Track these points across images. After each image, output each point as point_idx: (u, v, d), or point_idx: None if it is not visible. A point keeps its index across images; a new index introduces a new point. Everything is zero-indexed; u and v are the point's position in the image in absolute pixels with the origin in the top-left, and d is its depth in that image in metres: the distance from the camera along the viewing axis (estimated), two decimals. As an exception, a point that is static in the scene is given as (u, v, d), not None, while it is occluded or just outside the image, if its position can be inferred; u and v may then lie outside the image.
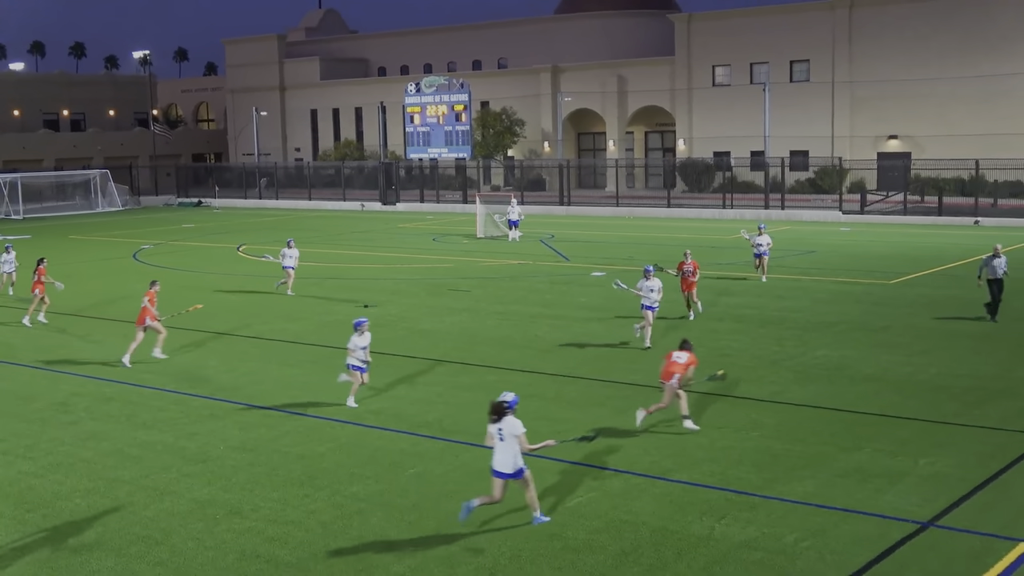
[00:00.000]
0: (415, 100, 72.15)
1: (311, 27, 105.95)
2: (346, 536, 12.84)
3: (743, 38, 73.57)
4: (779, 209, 57.76)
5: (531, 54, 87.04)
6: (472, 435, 16.73)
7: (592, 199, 69.38)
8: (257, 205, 77.27)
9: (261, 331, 26.34)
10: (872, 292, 30.23)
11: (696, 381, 17.32)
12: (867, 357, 21.80)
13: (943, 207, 53.68)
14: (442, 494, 14.16)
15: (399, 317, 27.81)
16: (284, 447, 16.44)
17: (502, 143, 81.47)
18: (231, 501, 14.10)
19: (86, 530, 13.22)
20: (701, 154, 74.46)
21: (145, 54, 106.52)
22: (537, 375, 20.94)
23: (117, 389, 20.60)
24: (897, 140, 68.18)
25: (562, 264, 37.65)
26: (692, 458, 15.41)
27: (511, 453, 12.70)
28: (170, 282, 35.49)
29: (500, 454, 12.76)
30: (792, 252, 40.23)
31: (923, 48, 66.43)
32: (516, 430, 12.68)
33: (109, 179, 78.53)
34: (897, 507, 13.29)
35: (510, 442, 12.69)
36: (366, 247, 45.64)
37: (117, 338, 25.95)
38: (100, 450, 16.58)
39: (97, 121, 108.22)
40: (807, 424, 17.08)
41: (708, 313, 27.12)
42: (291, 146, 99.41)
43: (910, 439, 16.13)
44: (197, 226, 59.86)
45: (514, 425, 12.68)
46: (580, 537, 12.61)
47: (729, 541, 12.40)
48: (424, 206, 70.13)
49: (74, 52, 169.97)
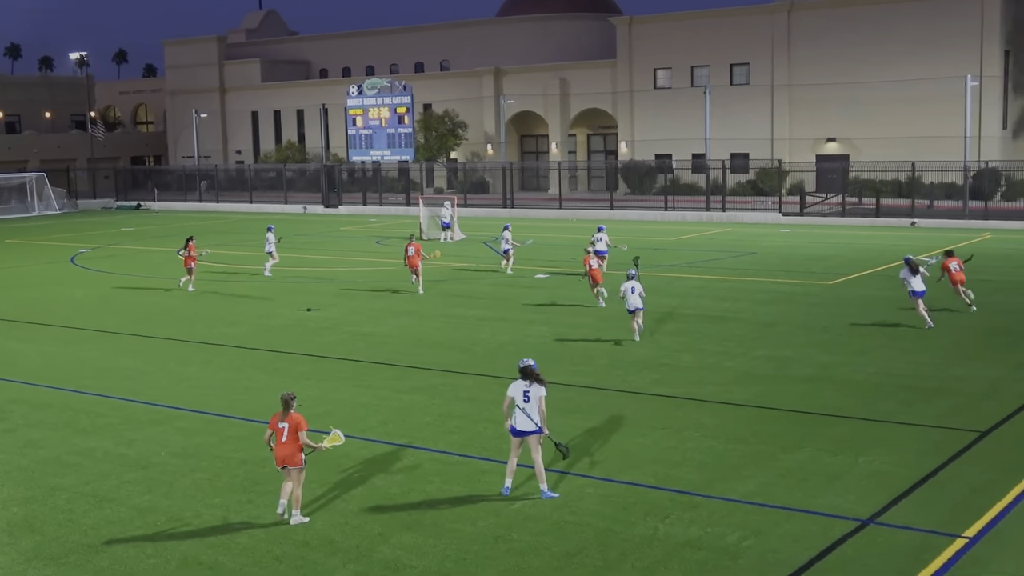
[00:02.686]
0: (357, 102, 71.82)
1: (251, 28, 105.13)
2: (290, 541, 12.75)
3: (684, 41, 74.17)
4: (720, 211, 58.27)
5: (473, 56, 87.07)
6: (417, 438, 16.71)
7: (535, 201, 69.51)
8: (197, 208, 76.49)
9: (202, 335, 26.08)
10: (811, 293, 30.60)
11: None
12: (807, 357, 22.07)
13: (881, 209, 54.46)
14: (387, 497, 14.12)
15: (342, 320, 27.68)
16: (226, 452, 16.29)
17: (445, 146, 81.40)
18: (173, 508, 13.95)
19: (23, 539, 13.01)
20: (643, 156, 74.94)
21: (82, 55, 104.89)
22: (482, 377, 20.95)
23: (54, 395, 20.29)
24: (835, 143, 69.11)
25: (517, 266, 37.66)
26: (635, 459, 15.50)
27: (533, 413, 13.69)
28: (108, 286, 35.06)
29: (522, 415, 13.71)
30: (733, 253, 40.60)
31: (860, 52, 67.40)
32: (542, 391, 13.75)
33: (46, 182, 77.25)
34: (837, 505, 13.46)
35: (534, 404, 13.68)
36: (308, 250, 45.37)
37: (55, 344, 25.60)
38: (38, 457, 16.32)
39: (33, 123, 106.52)
40: (748, 424, 17.25)
41: (649, 314, 27.27)
42: (232, 148, 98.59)
43: (849, 438, 16.35)
44: (136, 230, 59.12)
45: (540, 388, 13.74)
46: (525, 539, 12.64)
47: (673, 541, 12.49)
48: (367, 209, 69.84)
49: (9, 53, 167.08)
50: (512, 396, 13.80)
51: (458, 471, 15.14)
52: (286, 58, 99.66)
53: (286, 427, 13.17)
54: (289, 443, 13.15)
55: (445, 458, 15.72)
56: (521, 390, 13.75)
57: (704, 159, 64.22)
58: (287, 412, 13.24)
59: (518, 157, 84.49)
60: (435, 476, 14.92)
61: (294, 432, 13.15)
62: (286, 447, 13.16)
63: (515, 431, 13.82)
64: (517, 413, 13.74)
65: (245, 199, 76.69)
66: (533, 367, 13.85)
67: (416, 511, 13.61)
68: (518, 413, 13.74)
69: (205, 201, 78.16)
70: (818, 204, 58.27)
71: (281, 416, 13.25)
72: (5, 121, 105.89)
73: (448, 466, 15.36)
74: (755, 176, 69.07)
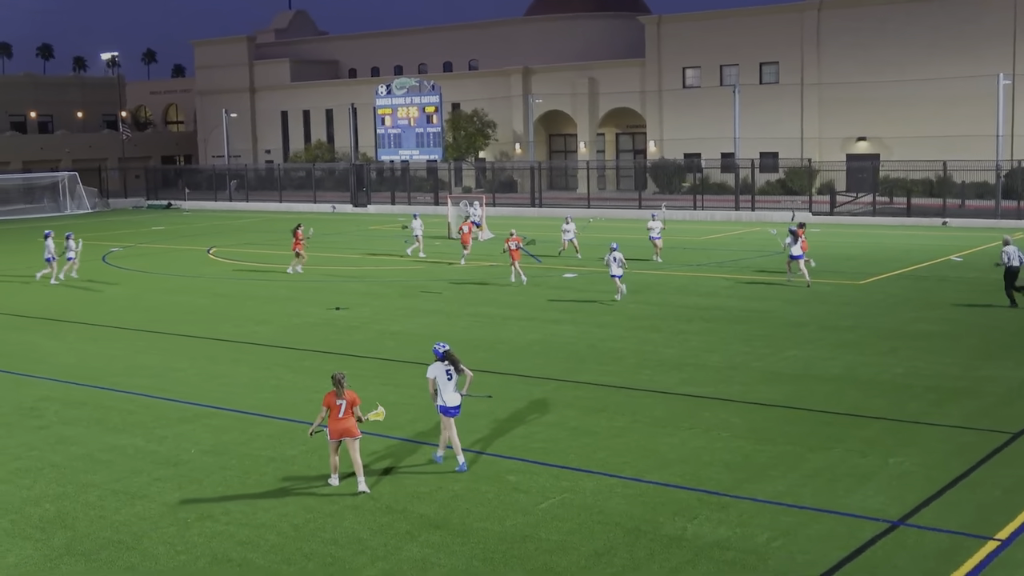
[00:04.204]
0: (386, 102, 72.04)
1: (281, 28, 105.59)
2: (318, 539, 12.81)
3: (713, 40, 73.92)
4: (749, 210, 58.05)
5: (502, 56, 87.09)
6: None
7: (563, 200, 69.44)
8: (227, 207, 76.90)
9: (231, 333, 26.23)
10: (840, 293, 30.44)
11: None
12: (835, 357, 21.95)
13: (911, 208, 54.10)
14: (414, 496, 14.15)
15: (370, 319, 27.77)
16: (255, 450, 16.39)
17: (473, 145, 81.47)
18: (203, 505, 14.04)
19: (56, 535, 13.13)
20: (672, 156, 74.75)
21: (113, 55, 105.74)
22: (507, 376, 20.96)
23: (86, 393, 20.46)
24: (866, 142, 68.69)
25: (533, 266, 37.69)
26: (664, 459, 15.47)
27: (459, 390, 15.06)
28: (140, 285, 35.32)
29: (450, 393, 14.95)
30: (761, 253, 40.43)
31: (890, 51, 66.98)
32: (467, 372, 15.07)
33: (78, 181, 77.93)
34: (867, 506, 13.39)
35: (458, 382, 15.01)
36: (337, 249, 45.52)
37: (87, 341, 25.82)
38: (70, 454, 16.47)
39: (65, 123, 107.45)
40: (776, 424, 17.18)
41: (677, 315, 27.24)
42: (261, 148, 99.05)
43: (878, 438, 16.25)
44: (167, 228, 59.52)
45: (463, 368, 15.05)
46: (553, 539, 12.64)
47: (701, 541, 12.46)
48: (395, 208, 70.01)
49: (41, 53, 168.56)
50: (435, 377, 14.97)
51: (485, 470, 15.16)
52: (315, 58, 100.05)
53: (344, 403, 14.29)
54: (347, 417, 14.32)
55: (472, 456, 15.72)
56: (443, 370, 14.92)
57: (733, 158, 64.00)
58: (342, 389, 14.27)
59: (546, 156, 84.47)
60: (462, 475, 14.94)
61: (351, 407, 14.33)
62: (345, 421, 14.31)
63: (446, 409, 14.98)
64: (447, 392, 14.91)
65: (275, 198, 77.06)
66: (451, 350, 15.13)
67: (444, 510, 13.63)
68: (448, 392, 14.91)
69: (235, 200, 78.57)
70: (848, 203, 57.96)
71: (337, 394, 14.26)
72: (38, 121, 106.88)
73: (475, 465, 15.37)
74: (784, 175, 68.76)
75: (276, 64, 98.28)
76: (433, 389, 15.11)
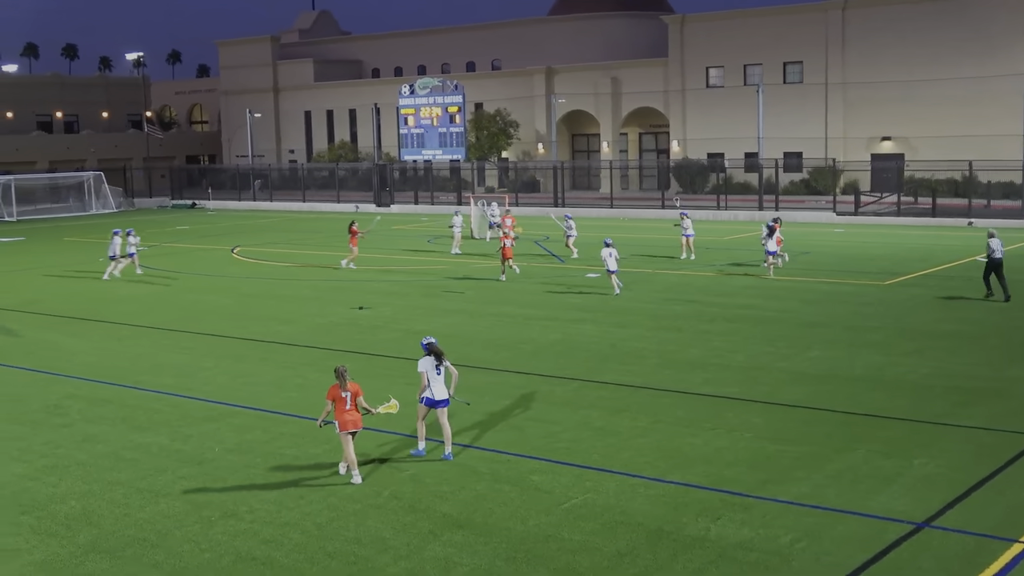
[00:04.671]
0: (409, 102, 72.18)
1: (304, 29, 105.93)
2: (342, 537, 12.85)
3: (736, 39, 73.70)
4: (773, 210, 57.76)
5: (525, 55, 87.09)
6: (467, 437, 16.77)
7: (586, 200, 69.40)
8: (251, 207, 77.22)
9: (255, 332, 26.34)
10: (865, 293, 30.30)
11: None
12: (858, 358, 21.85)
13: (937, 208, 53.76)
14: (437, 495, 14.18)
15: (393, 318, 27.83)
16: (279, 449, 16.45)
17: (496, 145, 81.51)
18: (227, 503, 14.11)
19: (81, 533, 13.22)
20: (695, 155, 74.59)
21: (139, 56, 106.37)
22: (529, 376, 20.97)
23: (111, 391, 20.59)
24: (890, 141, 68.34)
25: (556, 266, 37.68)
26: (687, 459, 15.45)
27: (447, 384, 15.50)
28: (165, 284, 35.51)
29: (439, 386, 15.36)
30: (786, 253, 40.23)
31: (915, 50, 66.61)
32: (452, 370, 15.55)
33: (103, 181, 78.44)
34: (891, 508, 13.33)
35: (446, 376, 15.44)
36: (360, 248, 45.61)
37: (112, 340, 25.97)
38: (95, 452, 16.58)
39: (91, 123, 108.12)
40: (800, 425, 17.13)
41: (701, 314, 27.19)
42: (285, 148, 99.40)
43: (902, 440, 16.18)
44: (191, 228, 59.82)
45: (447, 361, 15.53)
46: (576, 539, 12.64)
47: (725, 542, 12.43)
48: (419, 208, 70.12)
49: (67, 54, 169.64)
50: (426, 371, 15.36)
51: (508, 469, 15.17)
52: (339, 58, 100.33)
53: (349, 395, 14.63)
54: (353, 409, 14.68)
55: (495, 456, 15.75)
56: (432, 364, 15.37)
57: (757, 158, 63.80)
58: (345, 382, 14.60)
59: (569, 156, 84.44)
60: (485, 474, 14.96)
61: (355, 399, 14.68)
62: (352, 412, 14.65)
63: (432, 401, 15.42)
64: (436, 385, 15.35)
65: (298, 198, 77.29)
66: (435, 343, 15.59)
67: (466, 509, 13.65)
68: (435, 385, 15.35)
69: (259, 200, 78.87)
70: (873, 203, 57.66)
71: (342, 386, 14.57)
72: (64, 121, 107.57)
73: (498, 464, 15.39)
74: (808, 175, 68.48)
75: (300, 64, 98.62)
76: (425, 382, 15.45)
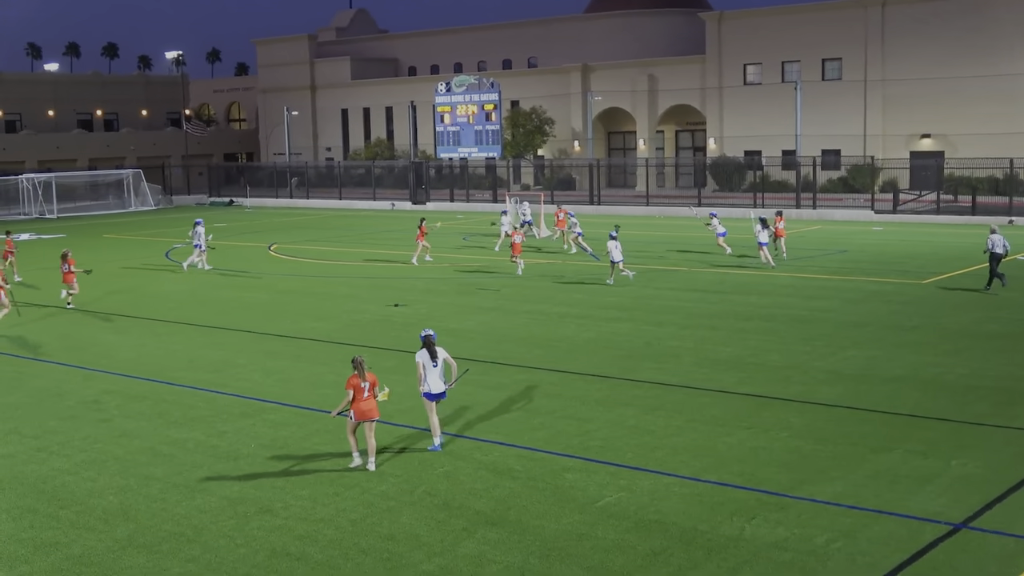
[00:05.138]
0: (445, 99, 72.28)
1: (342, 27, 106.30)
2: (376, 534, 12.90)
3: (774, 36, 73.24)
4: (811, 208, 57.47)
5: (561, 53, 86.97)
6: (501, 434, 16.78)
7: (622, 198, 69.25)
8: (288, 204, 77.65)
9: (290, 329, 26.48)
10: (903, 292, 30.05)
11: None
12: (896, 357, 21.67)
13: (977, 206, 53.17)
14: (471, 492, 14.20)
15: (428, 316, 27.88)
16: (314, 446, 16.54)
17: (532, 142, 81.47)
18: (262, 499, 14.20)
19: (119, 527, 13.34)
20: (732, 153, 74.22)
21: (178, 54, 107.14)
22: (564, 374, 20.96)
23: (148, 387, 20.76)
24: (930, 139, 67.68)
25: (592, 263, 37.63)
26: (721, 458, 15.38)
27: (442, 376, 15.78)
28: (201, 281, 35.78)
29: (435, 379, 15.67)
30: (823, 252, 40.02)
31: (956, 45, 65.91)
32: (451, 362, 15.85)
33: (142, 178, 79.16)
34: (928, 508, 13.21)
35: (442, 368, 15.73)
36: (396, 246, 45.77)
37: (149, 336, 26.20)
38: (132, 447, 16.73)
39: (130, 121, 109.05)
40: (836, 424, 17.01)
41: (736, 313, 27.06)
42: (322, 145, 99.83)
43: (940, 440, 16.03)
44: (229, 225, 60.23)
45: (444, 351, 15.86)
46: (610, 537, 12.61)
47: (759, 541, 12.37)
48: (454, 205, 70.22)
49: (107, 53, 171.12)
50: (422, 362, 15.70)
51: (542, 467, 15.16)
52: (375, 56, 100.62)
53: (367, 385, 15.11)
54: (370, 398, 15.15)
55: (529, 454, 15.76)
56: (428, 357, 15.70)
57: (794, 156, 63.41)
58: (364, 372, 15.10)
59: (605, 154, 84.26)
60: (519, 472, 14.97)
61: (372, 389, 15.17)
62: (368, 402, 15.11)
63: (431, 395, 15.76)
64: (431, 378, 15.66)
65: (335, 195, 77.63)
66: (433, 337, 15.86)
67: (500, 507, 13.66)
68: (432, 378, 15.66)
69: (296, 198, 79.29)
70: (912, 202, 57.13)
71: (361, 377, 15.06)
72: (104, 119, 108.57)
73: (532, 462, 15.39)
74: (847, 173, 67.94)
75: (337, 62, 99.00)
76: (420, 373, 15.76)
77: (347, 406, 15.15)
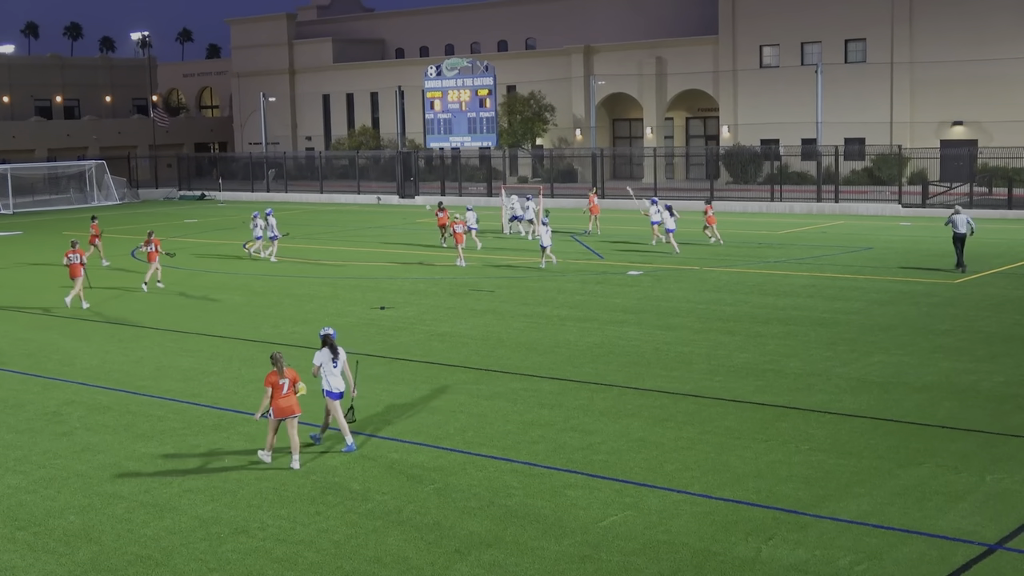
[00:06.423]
0: (436, 84, 72.28)
1: (323, 5, 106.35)
2: (360, 557, 12.90)
3: (793, 15, 73.30)
4: (833, 202, 57.56)
5: (562, 34, 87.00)
6: (497, 448, 16.79)
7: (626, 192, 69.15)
8: (265, 198, 77.60)
9: (268, 334, 26.48)
10: (934, 292, 30.10)
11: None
12: (927, 363, 21.71)
13: (1013, 199, 53.28)
14: (465, 511, 14.21)
15: (417, 319, 27.90)
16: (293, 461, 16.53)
17: (530, 131, 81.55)
18: (237, 519, 14.20)
19: (81, 550, 13.33)
20: (747, 142, 74.29)
21: (144, 35, 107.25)
22: (566, 382, 20.97)
23: (113, 397, 20.76)
24: (962, 126, 67.79)
25: (595, 262, 37.66)
26: (736, 474, 15.40)
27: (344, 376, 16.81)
28: (170, 282, 35.76)
29: (335, 378, 16.63)
30: (847, 248, 40.08)
31: (990, 26, 66.01)
32: (345, 357, 16.82)
33: (105, 170, 79.18)
34: (961, 527, 13.24)
35: (341, 367, 16.69)
36: (382, 244, 45.79)
37: (113, 342, 26.18)
38: (95, 463, 16.72)
39: (93, 108, 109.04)
40: (861, 437, 17.03)
41: (753, 315, 27.09)
42: (301, 134, 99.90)
43: (974, 453, 16.06)
44: (201, 221, 60.23)
45: (343, 354, 16.82)
46: (614, 560, 12.63)
47: (777, 564, 12.38)
48: (446, 199, 70.14)
49: (69, 33, 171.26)
50: (321, 363, 16.64)
51: (542, 484, 15.18)
52: (360, 37, 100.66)
53: (287, 382, 16.05)
54: (290, 394, 16.10)
55: (528, 469, 15.77)
56: (329, 357, 16.65)
57: (815, 145, 63.50)
58: (282, 368, 16.01)
59: (609, 143, 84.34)
60: (517, 489, 14.98)
61: (292, 385, 16.11)
62: (288, 399, 16.07)
63: (332, 394, 16.65)
64: (331, 377, 16.61)
65: (315, 189, 77.72)
66: (332, 336, 16.82)
67: (496, 526, 13.67)
68: (332, 377, 16.62)
69: (273, 191, 79.36)
70: (942, 194, 57.22)
71: (279, 373, 15.97)
72: (64, 106, 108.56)
73: (531, 478, 15.41)
74: (872, 163, 68.09)
75: (318, 43, 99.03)
76: (317, 374, 16.65)
77: (268, 404, 15.92)
